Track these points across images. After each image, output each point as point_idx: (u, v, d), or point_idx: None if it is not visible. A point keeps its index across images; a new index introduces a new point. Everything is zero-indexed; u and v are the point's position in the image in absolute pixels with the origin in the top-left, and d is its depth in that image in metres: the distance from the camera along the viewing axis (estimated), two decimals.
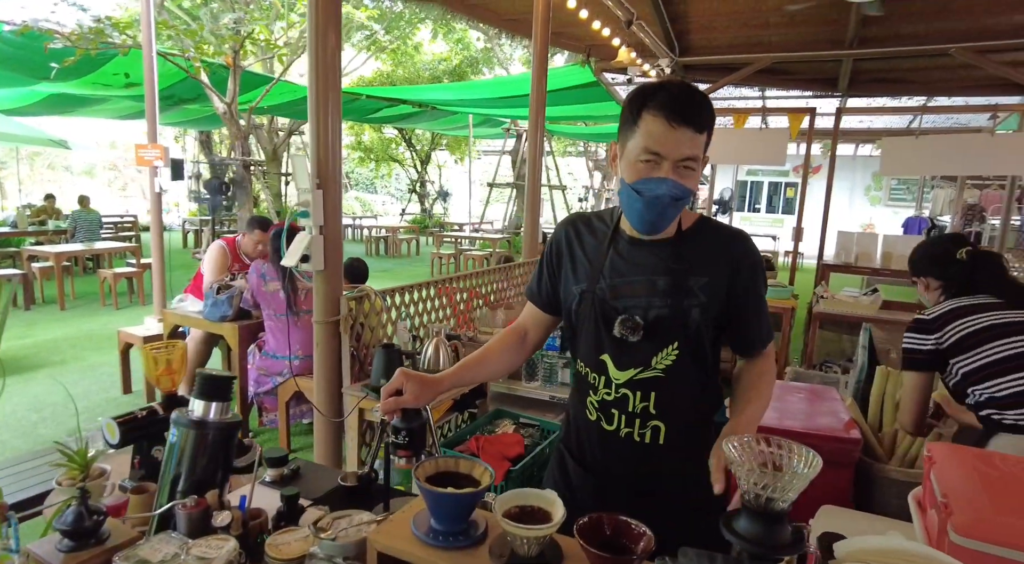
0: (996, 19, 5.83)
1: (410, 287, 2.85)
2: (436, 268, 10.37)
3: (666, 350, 1.18)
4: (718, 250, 1.20)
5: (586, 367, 1.26)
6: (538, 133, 4.00)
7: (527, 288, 1.41)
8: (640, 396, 1.20)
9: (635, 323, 1.17)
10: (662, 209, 1.11)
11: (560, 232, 1.33)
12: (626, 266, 1.21)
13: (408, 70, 16.15)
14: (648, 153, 1.09)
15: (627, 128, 1.12)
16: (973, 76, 6.98)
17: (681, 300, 1.17)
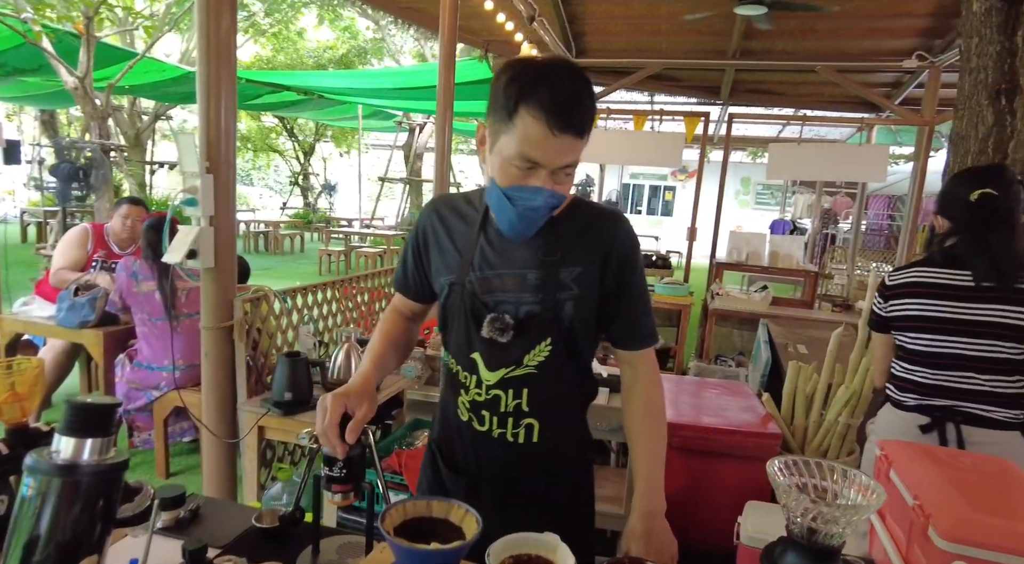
0: (852, 43, 6.42)
1: (313, 287, 2.57)
2: (325, 266, 9.82)
3: (538, 347, 1.11)
4: (591, 235, 1.12)
5: (457, 364, 1.18)
6: (446, 128, 3.82)
7: (395, 279, 1.30)
8: (512, 395, 1.13)
9: (505, 323, 1.10)
10: (534, 220, 1.03)
11: (425, 217, 1.22)
12: (497, 258, 1.12)
13: (290, 56, 15.21)
14: (525, 160, 0.98)
15: (501, 118, 0.99)
16: (833, 92, 7.69)
17: (553, 294, 1.09)
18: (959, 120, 2.37)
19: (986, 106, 2.26)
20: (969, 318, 1.71)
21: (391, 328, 1.27)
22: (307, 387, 2.11)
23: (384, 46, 14.58)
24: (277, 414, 2.05)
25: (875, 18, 5.90)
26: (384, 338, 1.24)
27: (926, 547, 1.05)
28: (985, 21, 2.26)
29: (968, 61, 2.32)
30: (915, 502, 1.13)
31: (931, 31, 5.99)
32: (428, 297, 1.26)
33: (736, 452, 2.36)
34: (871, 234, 10.06)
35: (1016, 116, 2.22)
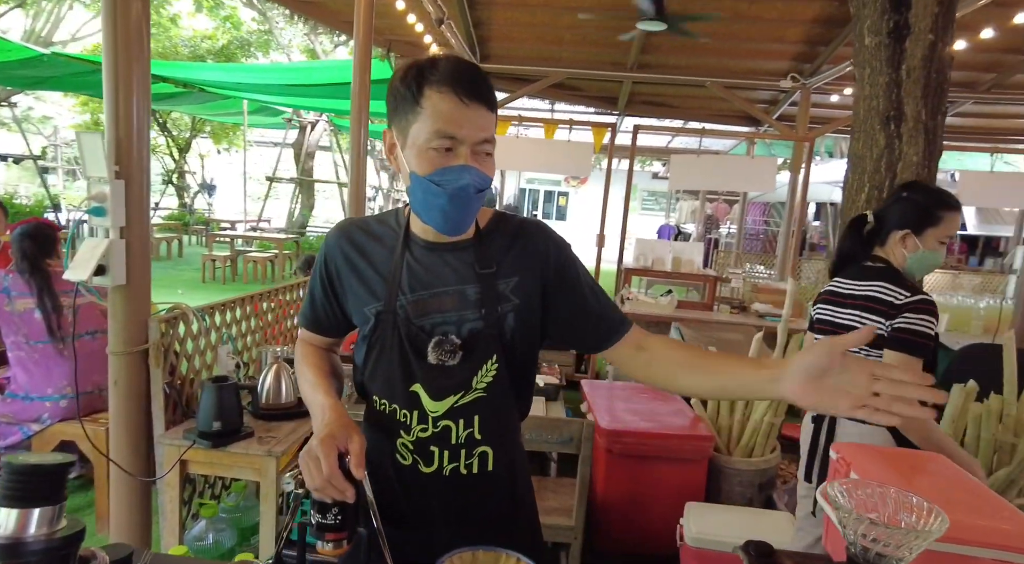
0: (736, 62, 6.95)
1: (231, 303, 2.36)
2: (209, 272, 9.11)
3: (485, 366, 1.05)
4: (522, 245, 1.08)
5: (391, 404, 1.07)
6: (362, 129, 3.67)
7: (301, 316, 1.19)
8: (463, 423, 1.05)
9: (453, 344, 1.03)
10: (467, 202, 0.96)
11: (333, 245, 1.10)
12: (428, 276, 1.05)
13: (162, 44, 13.97)
14: (441, 137, 0.93)
15: (406, 111, 0.96)
16: (720, 107, 8.27)
17: (495, 307, 1.04)
18: (856, 141, 2.61)
19: (878, 130, 2.51)
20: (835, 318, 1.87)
21: (317, 360, 1.15)
22: (237, 415, 1.93)
23: (272, 39, 13.79)
24: (204, 446, 1.85)
25: (755, 40, 6.42)
26: (317, 372, 1.11)
27: None
28: (875, 54, 2.50)
29: (863, 89, 2.56)
30: None
31: (802, 56, 6.61)
32: (343, 330, 1.17)
33: (672, 455, 2.46)
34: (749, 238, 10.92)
35: (903, 140, 2.48)
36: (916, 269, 1.81)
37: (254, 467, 1.89)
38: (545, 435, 2.07)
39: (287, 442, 1.93)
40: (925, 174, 2.50)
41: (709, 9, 5.67)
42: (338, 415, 0.99)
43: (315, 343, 1.19)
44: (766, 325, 4.47)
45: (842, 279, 1.88)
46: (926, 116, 2.46)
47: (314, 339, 1.19)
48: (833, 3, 5.55)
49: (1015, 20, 4.65)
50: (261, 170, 16.18)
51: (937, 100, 2.46)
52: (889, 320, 1.70)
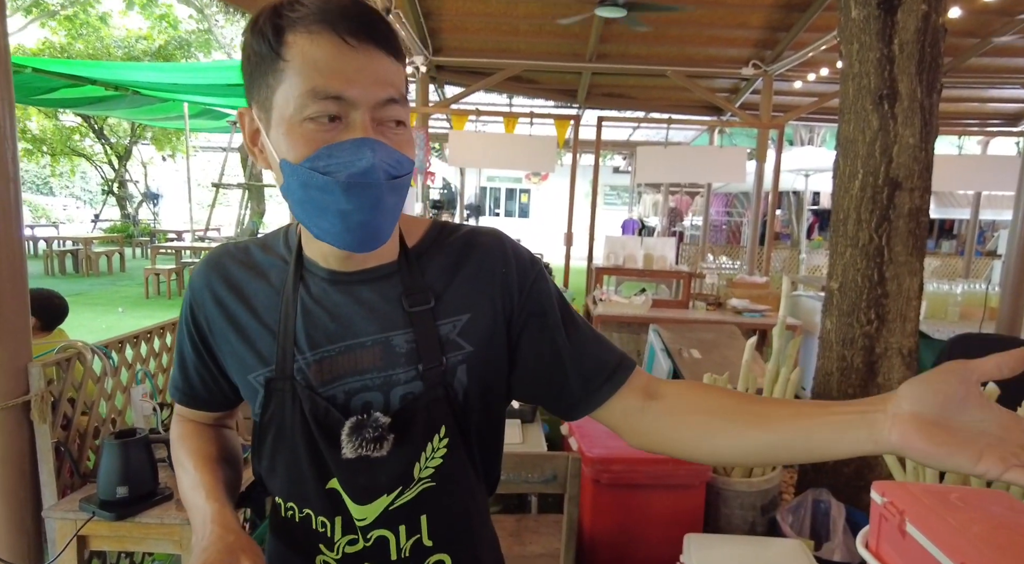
0: (697, 50, 6.79)
1: (147, 333, 2.00)
2: (153, 287, 8.53)
3: (431, 446, 0.74)
4: (473, 266, 0.76)
5: (302, 508, 0.76)
6: None
7: (171, 388, 0.87)
8: (406, 530, 0.75)
9: (378, 426, 0.70)
10: (375, 195, 0.64)
11: (201, 286, 0.78)
12: (335, 323, 0.73)
13: (91, 45, 13.16)
14: (321, 99, 0.63)
15: (264, 73, 0.66)
16: (680, 97, 8.11)
17: (437, 359, 0.73)
18: (846, 124, 2.39)
19: (871, 111, 2.30)
20: None
21: (200, 443, 0.83)
22: (149, 474, 1.58)
23: (211, 38, 13.12)
24: (107, 518, 1.50)
25: (716, 27, 6.25)
26: (199, 461, 0.80)
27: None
28: (864, 28, 2.29)
29: (851, 66, 2.35)
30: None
31: (764, 42, 6.48)
32: (231, 401, 0.85)
33: (667, 482, 2.20)
34: (713, 230, 10.85)
35: (897, 121, 2.27)
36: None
37: (173, 539, 1.55)
38: (524, 475, 1.78)
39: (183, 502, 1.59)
40: (923, 157, 2.29)
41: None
42: (223, 531, 0.68)
43: (197, 419, 0.87)
44: (745, 322, 4.28)
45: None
46: (922, 94, 2.25)
47: (194, 415, 0.86)
48: None
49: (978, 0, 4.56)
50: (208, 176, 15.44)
51: (932, 76, 2.26)
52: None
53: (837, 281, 2.48)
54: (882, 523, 1.19)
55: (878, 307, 2.37)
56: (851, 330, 2.42)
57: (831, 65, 5.90)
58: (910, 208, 2.31)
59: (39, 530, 1.58)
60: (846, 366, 2.44)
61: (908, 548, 1.12)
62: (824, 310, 2.57)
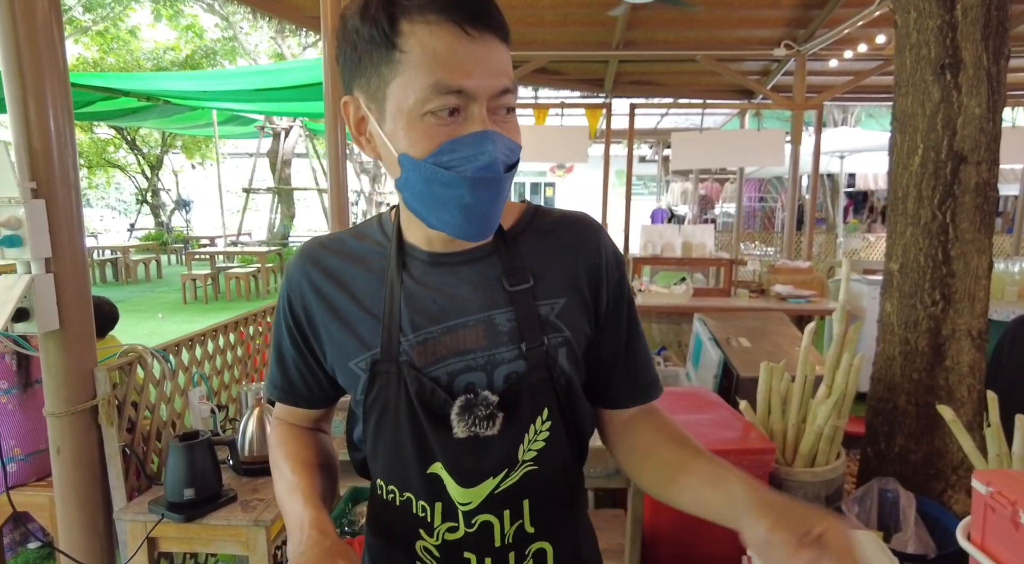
0: (726, 32, 6.63)
1: (200, 336, 2.00)
2: (190, 292, 8.69)
3: (534, 427, 0.73)
4: (563, 253, 0.76)
5: (403, 492, 0.75)
6: (339, 130, 3.30)
7: (268, 386, 0.85)
8: (510, 516, 0.74)
9: (488, 405, 0.70)
10: (497, 187, 0.65)
11: (296, 281, 0.78)
12: (438, 303, 0.73)
13: (122, 58, 13.44)
14: (443, 94, 0.62)
15: (376, 63, 0.64)
16: (709, 82, 7.95)
17: (540, 339, 0.72)
18: (903, 98, 2.29)
19: (931, 82, 2.20)
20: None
21: (298, 448, 0.82)
22: (214, 477, 1.58)
23: (237, 46, 13.29)
24: (176, 520, 1.51)
25: (746, 7, 6.09)
26: (297, 466, 0.78)
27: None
28: None
29: (908, 36, 2.24)
30: None
31: (796, 21, 6.29)
32: (331, 397, 0.85)
33: None
34: (747, 216, 10.65)
35: (961, 91, 2.17)
36: None
37: (240, 540, 1.54)
38: (587, 469, 1.73)
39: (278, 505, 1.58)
40: (990, 128, 2.18)
41: None
42: (320, 536, 0.66)
43: (294, 421, 0.86)
44: (790, 308, 4.17)
45: None
46: (988, 61, 2.14)
47: (292, 415, 0.85)
48: None
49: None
50: (238, 182, 15.67)
51: (999, 41, 2.15)
52: None
53: (897, 262, 2.38)
54: (988, 514, 1.12)
55: (944, 287, 2.27)
56: (914, 312, 2.32)
57: (870, 41, 5.71)
58: (977, 182, 2.20)
59: (110, 532, 1.59)
60: (910, 350, 2.35)
61: (1023, 541, 1.05)
62: (883, 292, 2.48)
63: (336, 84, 3.32)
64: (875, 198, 12.94)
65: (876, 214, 12.73)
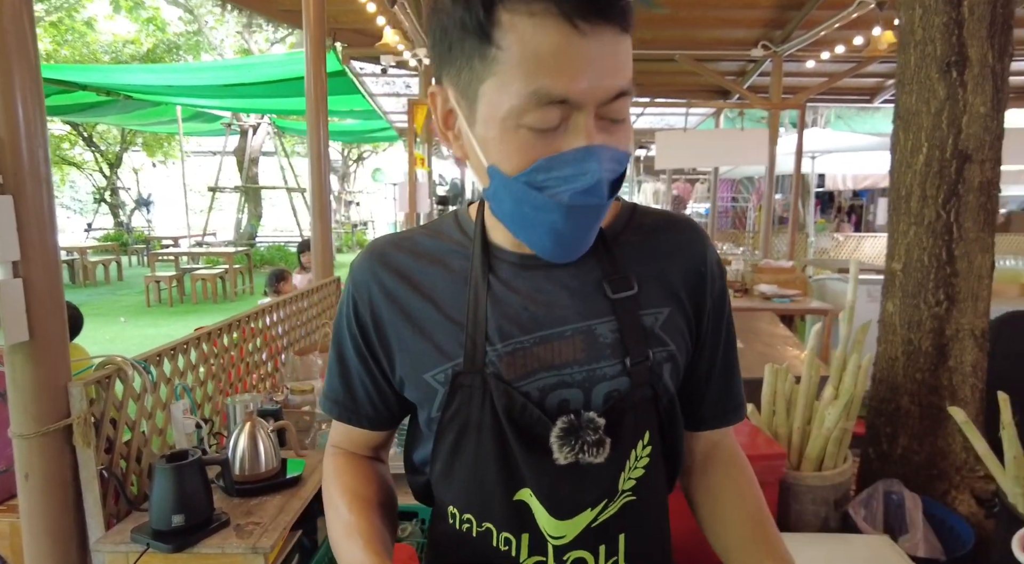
0: (704, 32, 6.65)
1: (183, 344, 1.86)
2: (154, 295, 8.35)
3: (635, 453, 0.66)
4: (672, 258, 0.69)
5: (481, 522, 0.66)
6: (321, 128, 3.16)
7: (326, 402, 0.75)
8: (605, 552, 0.66)
9: (595, 427, 0.62)
10: (597, 215, 0.59)
11: (367, 281, 0.68)
12: (530, 311, 0.65)
13: (78, 51, 12.90)
14: (545, 105, 0.54)
15: (468, 54, 0.56)
16: (686, 82, 7.98)
17: (644, 354, 0.65)
18: (907, 95, 2.26)
19: (936, 80, 2.17)
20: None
21: (356, 482, 0.72)
22: (205, 501, 1.44)
23: (201, 40, 12.86)
24: (164, 550, 1.36)
25: (724, 7, 6.11)
26: (355, 503, 0.69)
27: None
28: None
29: (912, 34, 2.21)
30: None
31: (773, 22, 6.34)
32: (397, 418, 0.75)
33: None
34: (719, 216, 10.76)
35: (967, 89, 2.14)
36: None
37: None
38: None
39: (276, 529, 1.46)
40: (994, 126, 2.17)
41: None
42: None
43: (352, 446, 0.75)
44: (775, 308, 4.17)
45: None
46: (993, 59, 2.12)
47: (351, 438, 0.75)
48: None
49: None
50: (202, 181, 15.21)
51: (1005, 39, 2.13)
52: None
53: (900, 261, 2.35)
54: None
55: (947, 287, 2.25)
56: (918, 312, 2.30)
57: (847, 42, 5.77)
58: (981, 181, 2.18)
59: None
60: (913, 350, 2.33)
61: None
62: (885, 292, 2.45)
63: (319, 77, 3.18)
64: (842, 198, 13.23)
65: (843, 214, 13.02)
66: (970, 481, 2.31)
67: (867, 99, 8.53)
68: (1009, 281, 4.30)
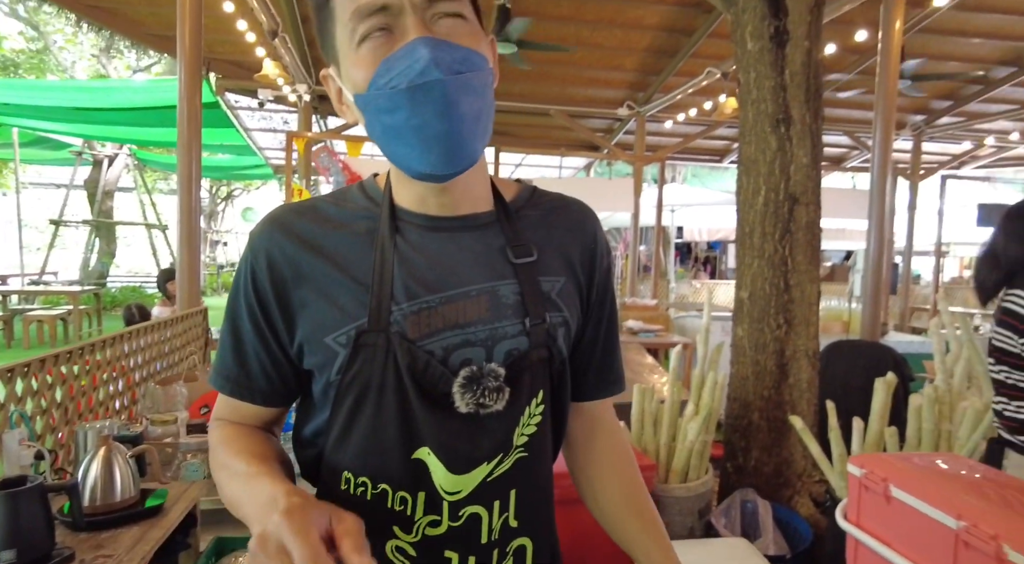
0: (577, 90, 7.20)
1: (24, 365, 1.67)
2: None
3: (529, 409, 0.69)
4: (568, 231, 0.74)
5: (376, 483, 0.66)
6: (193, 162, 3.02)
7: (217, 377, 0.72)
8: (499, 506, 0.68)
9: (498, 377, 0.65)
10: (444, 94, 0.58)
11: (266, 247, 0.67)
12: (435, 270, 0.67)
13: None
14: (365, 16, 0.59)
15: (324, 21, 0.64)
16: (559, 136, 8.50)
17: (543, 316, 0.69)
18: (747, 145, 2.60)
19: (769, 133, 2.53)
20: None
21: (250, 444, 0.68)
22: (45, 532, 1.28)
23: (48, 60, 11.72)
24: None
25: (595, 68, 6.67)
26: (253, 459, 0.64)
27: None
28: (760, 58, 2.53)
29: (749, 93, 2.57)
30: (961, 524, 1.02)
31: (637, 85, 7.00)
32: (292, 393, 0.72)
33: None
34: None
35: (793, 143, 2.51)
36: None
37: None
38: None
39: (130, 562, 1.32)
40: (814, 175, 2.55)
41: (554, 33, 5.76)
42: (303, 497, 0.54)
43: (242, 422, 0.72)
44: (642, 341, 4.47)
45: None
46: (810, 119, 2.52)
47: (241, 414, 0.71)
48: (663, 34, 5.93)
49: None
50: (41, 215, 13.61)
51: (817, 104, 2.54)
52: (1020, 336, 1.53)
53: (747, 290, 2.65)
54: (863, 494, 1.24)
55: (786, 312, 2.56)
56: (762, 335, 2.59)
57: (700, 107, 6.49)
58: (807, 221, 2.55)
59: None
60: (760, 370, 2.60)
61: (893, 513, 1.18)
62: (735, 318, 2.74)
63: (192, 107, 3.06)
64: (698, 249, 14.50)
65: (700, 263, 14.25)
66: (808, 485, 2.59)
67: (717, 159, 9.57)
68: (834, 319, 4.95)
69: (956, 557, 1.03)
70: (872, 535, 1.23)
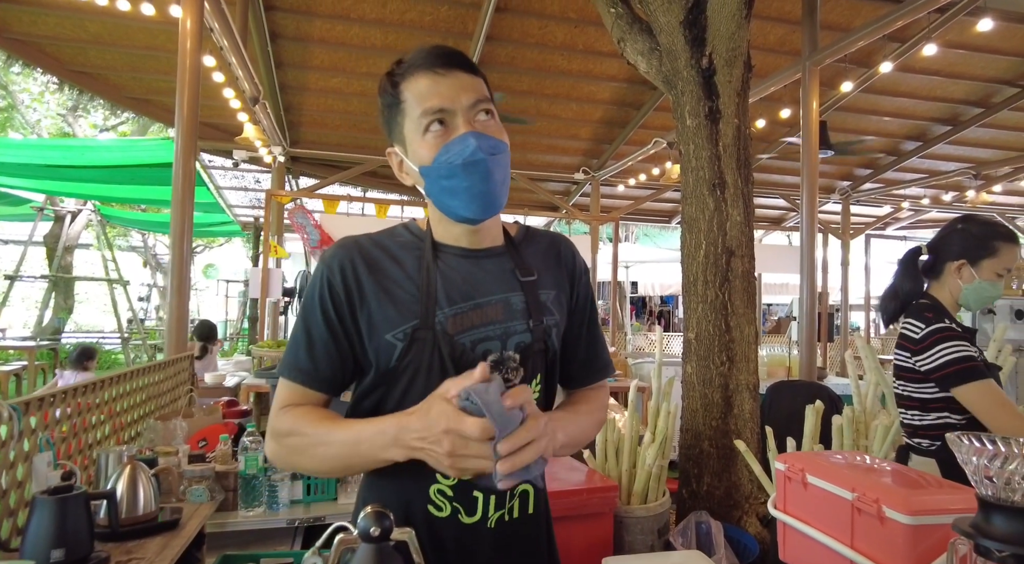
0: (537, 156, 7.72)
1: (51, 395, 1.84)
2: None
3: (530, 387, 0.95)
4: (554, 257, 1.04)
5: None
6: (185, 222, 3.26)
7: (287, 367, 0.93)
8: None
9: (515, 360, 0.84)
10: (485, 170, 0.87)
11: (341, 264, 0.92)
12: (466, 285, 0.94)
13: None
14: (430, 115, 0.88)
15: (395, 116, 0.93)
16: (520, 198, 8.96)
17: (541, 319, 0.97)
18: (689, 206, 3.00)
19: (707, 196, 2.93)
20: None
21: (326, 415, 0.91)
22: (86, 537, 1.45)
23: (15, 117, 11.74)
24: None
25: (553, 137, 7.21)
26: (337, 421, 0.89)
27: (883, 530, 1.22)
28: (697, 133, 2.96)
29: (689, 162, 2.99)
30: (855, 494, 1.32)
31: (591, 152, 7.57)
32: (344, 383, 0.95)
33: (581, 512, 2.40)
34: None
35: (728, 204, 2.92)
36: (972, 300, 1.82)
37: None
38: None
39: (163, 562, 1.49)
40: (747, 231, 2.95)
41: (517, 105, 6.27)
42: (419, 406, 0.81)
43: (307, 403, 0.93)
44: None
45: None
46: (742, 183, 2.93)
47: (307, 398, 0.93)
48: (614, 107, 6.51)
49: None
50: None
51: (747, 171, 2.96)
52: (915, 356, 1.79)
53: (694, 332, 2.99)
54: (787, 484, 1.53)
55: (728, 351, 2.90)
56: (709, 371, 2.91)
57: (648, 172, 7.04)
58: (743, 271, 2.93)
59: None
60: (708, 402, 2.91)
61: (811, 497, 1.46)
62: (684, 357, 3.06)
63: (189, 167, 3.31)
64: (652, 304, 15.05)
65: (654, 317, 14.77)
66: (755, 506, 2.87)
67: (666, 220, 10.19)
68: (778, 364, 5.36)
69: (853, 522, 1.31)
70: (795, 517, 1.51)
